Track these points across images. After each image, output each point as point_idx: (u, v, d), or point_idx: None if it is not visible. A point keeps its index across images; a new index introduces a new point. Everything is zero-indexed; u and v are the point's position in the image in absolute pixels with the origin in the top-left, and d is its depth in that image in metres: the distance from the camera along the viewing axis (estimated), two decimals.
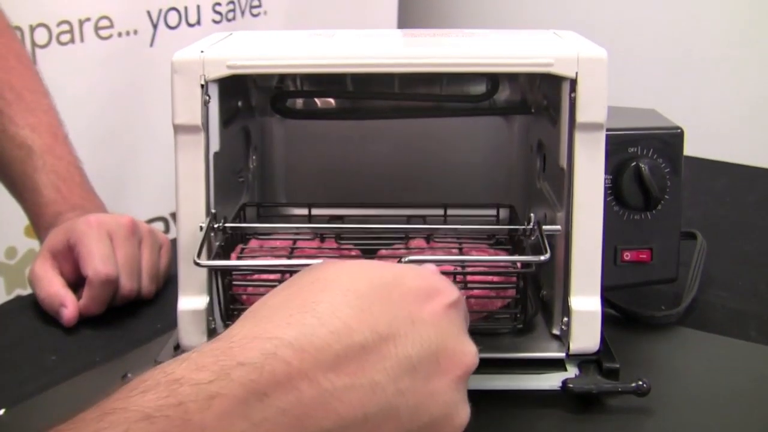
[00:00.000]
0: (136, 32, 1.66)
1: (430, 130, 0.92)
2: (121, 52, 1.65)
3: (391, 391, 0.45)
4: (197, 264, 0.65)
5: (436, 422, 0.47)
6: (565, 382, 0.67)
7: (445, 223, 0.85)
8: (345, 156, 0.93)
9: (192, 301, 0.68)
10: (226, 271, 0.69)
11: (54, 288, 0.84)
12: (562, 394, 0.68)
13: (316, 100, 0.91)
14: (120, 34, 1.64)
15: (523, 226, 0.74)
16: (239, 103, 0.81)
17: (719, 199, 1.17)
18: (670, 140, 0.79)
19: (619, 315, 0.81)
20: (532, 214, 0.74)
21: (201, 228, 0.68)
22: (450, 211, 0.86)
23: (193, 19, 1.74)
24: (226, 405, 0.41)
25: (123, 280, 0.84)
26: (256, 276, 0.70)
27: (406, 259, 0.62)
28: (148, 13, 1.68)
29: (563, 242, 0.70)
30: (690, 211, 0.82)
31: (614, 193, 0.78)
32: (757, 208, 1.16)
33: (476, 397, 0.68)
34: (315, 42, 0.76)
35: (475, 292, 0.70)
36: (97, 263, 0.83)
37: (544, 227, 0.70)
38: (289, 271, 0.64)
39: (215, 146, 0.70)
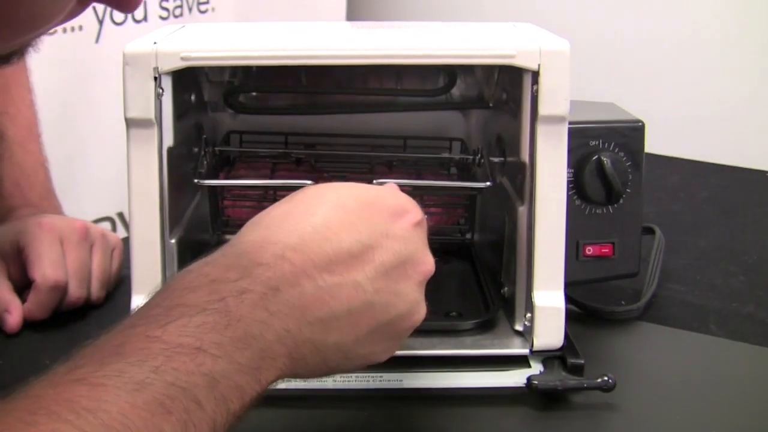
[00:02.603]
0: (81, 28, 1.62)
1: (386, 125, 0.90)
2: (67, 49, 1.61)
3: (369, 290, 0.54)
4: (198, 183, 0.78)
5: (402, 316, 0.56)
6: (529, 379, 0.67)
7: (404, 152, 0.91)
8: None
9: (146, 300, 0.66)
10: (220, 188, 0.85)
11: None
12: (526, 392, 0.67)
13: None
14: (65, 30, 1.60)
15: (471, 156, 0.86)
16: (192, 98, 0.79)
17: (673, 195, 1.18)
18: (631, 134, 0.78)
19: (579, 311, 0.81)
20: (479, 146, 0.85)
21: None
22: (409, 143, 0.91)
23: (139, 15, 1.71)
24: (253, 298, 0.49)
25: (72, 287, 0.82)
26: (244, 192, 0.86)
27: (376, 181, 0.70)
28: (94, 8, 1.64)
29: (525, 235, 0.69)
30: (645, 207, 0.82)
31: (576, 187, 0.78)
32: (711, 204, 1.16)
33: (439, 396, 0.68)
34: (271, 34, 0.74)
35: (431, 209, 0.84)
36: (46, 268, 0.80)
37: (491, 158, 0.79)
38: (273, 188, 0.83)
39: (169, 141, 0.68)
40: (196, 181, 0.78)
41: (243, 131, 0.91)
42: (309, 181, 0.70)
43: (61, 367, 0.45)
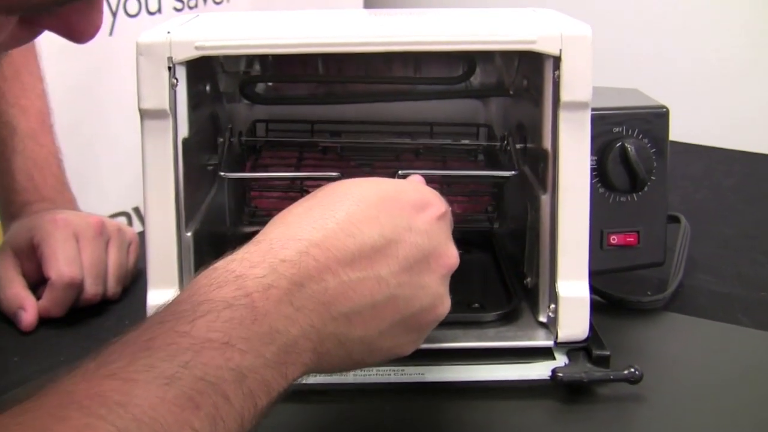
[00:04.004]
0: None
1: (406, 114, 0.90)
2: None
3: (392, 283, 0.55)
4: (223, 176, 0.78)
5: (425, 309, 0.57)
6: (554, 371, 0.66)
7: (431, 139, 0.92)
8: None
9: (162, 294, 0.65)
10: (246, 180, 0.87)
11: (14, 289, 0.81)
12: (550, 384, 0.66)
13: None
14: None
15: (497, 143, 0.85)
16: (207, 88, 0.79)
17: (697, 183, 1.17)
18: (655, 120, 0.78)
19: (604, 301, 0.80)
20: (505, 133, 0.83)
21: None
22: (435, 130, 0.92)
23: (153, 7, 1.71)
24: (278, 294, 0.50)
25: (87, 284, 0.81)
26: (270, 182, 0.88)
27: (401, 172, 0.70)
28: (107, 1, 1.64)
29: (548, 224, 0.68)
30: (669, 196, 0.81)
31: (599, 174, 0.77)
32: (735, 192, 1.15)
33: (461, 390, 0.68)
34: (286, 22, 0.74)
35: (458, 198, 0.86)
36: (61, 265, 0.80)
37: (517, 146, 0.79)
38: (300, 179, 0.85)
39: (184, 132, 0.68)
40: (222, 174, 0.78)
41: (268, 120, 0.92)
42: (336, 173, 0.72)
43: (90, 362, 0.45)
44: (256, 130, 0.91)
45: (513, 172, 0.77)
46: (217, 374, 0.45)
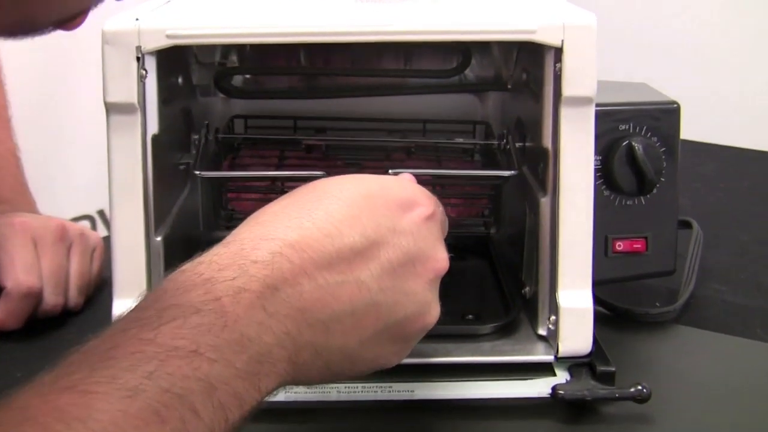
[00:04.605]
0: None
1: (396, 110, 0.90)
2: None
3: (374, 289, 0.55)
4: (198, 176, 0.78)
5: (410, 317, 0.57)
6: (554, 389, 0.66)
7: (423, 137, 0.92)
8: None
9: (129, 303, 0.65)
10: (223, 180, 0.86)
11: None
12: (551, 402, 0.67)
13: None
14: None
15: (495, 141, 0.86)
16: (179, 80, 0.79)
17: (711, 184, 1.17)
18: (665, 117, 0.78)
19: (608, 313, 0.80)
20: (504, 130, 0.84)
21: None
22: (429, 127, 0.93)
23: None
24: (250, 298, 0.50)
25: (47, 293, 0.81)
26: (249, 183, 0.87)
27: (392, 171, 0.70)
28: None
29: (548, 229, 0.69)
30: (681, 199, 0.81)
31: (604, 176, 0.77)
32: (752, 194, 1.16)
33: (454, 408, 0.68)
34: (267, 9, 0.74)
35: (452, 200, 0.86)
36: (18, 273, 0.80)
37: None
38: (281, 179, 0.84)
39: (154, 128, 0.68)
40: (196, 172, 0.78)
41: (248, 115, 0.92)
42: (321, 173, 0.71)
43: (47, 375, 0.45)
44: (234, 127, 0.92)
45: (512, 172, 0.77)
46: (184, 385, 0.45)
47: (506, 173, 0.79)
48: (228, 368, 0.47)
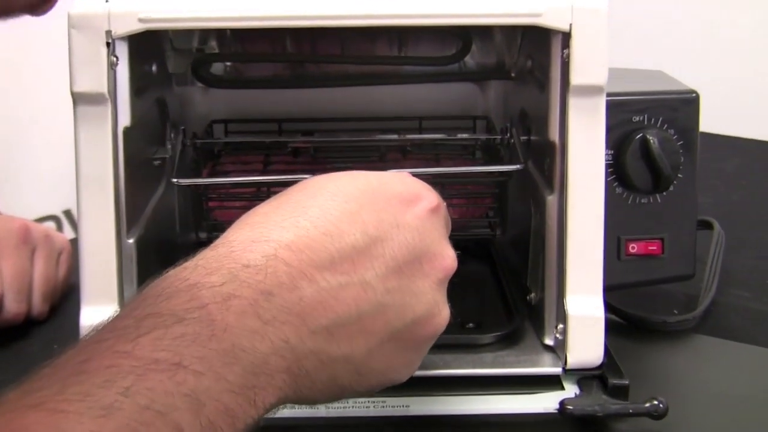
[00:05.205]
0: None
1: (389, 103, 0.90)
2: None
3: (380, 290, 0.55)
4: (176, 183, 0.79)
5: (420, 320, 0.57)
6: (563, 403, 0.66)
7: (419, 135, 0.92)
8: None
9: (99, 312, 0.65)
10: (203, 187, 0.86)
11: None
12: (559, 418, 0.67)
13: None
14: None
15: (497, 136, 0.86)
16: (153, 68, 0.79)
17: (733, 182, 1.17)
18: (683, 107, 0.78)
19: (621, 321, 0.81)
20: (508, 124, 0.85)
21: None
22: (425, 124, 0.93)
23: None
24: (241, 305, 0.49)
25: (8, 301, 0.81)
26: (232, 191, 0.86)
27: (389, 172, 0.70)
28: None
29: (555, 230, 0.69)
30: (700, 197, 0.82)
31: (616, 171, 0.78)
32: None
33: (453, 425, 0.68)
34: None
35: (454, 200, 0.84)
36: None
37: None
38: (266, 185, 0.83)
39: (125, 120, 0.68)
40: (174, 180, 0.78)
41: (228, 119, 0.92)
42: (308, 175, 0.70)
43: (13, 391, 0.44)
44: (213, 133, 0.92)
45: (518, 166, 0.78)
46: (166, 402, 0.44)
47: (511, 167, 0.80)
48: (217, 382, 0.46)
